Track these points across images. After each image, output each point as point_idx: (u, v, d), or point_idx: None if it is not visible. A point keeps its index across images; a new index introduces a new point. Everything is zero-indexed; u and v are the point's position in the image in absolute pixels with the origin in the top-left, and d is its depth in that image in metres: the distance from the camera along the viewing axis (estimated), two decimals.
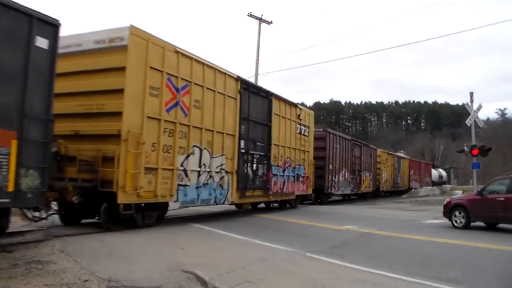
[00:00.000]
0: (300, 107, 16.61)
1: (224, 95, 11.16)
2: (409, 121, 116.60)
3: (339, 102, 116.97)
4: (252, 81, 21.54)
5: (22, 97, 5.76)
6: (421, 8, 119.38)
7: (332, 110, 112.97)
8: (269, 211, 15.16)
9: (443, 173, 51.59)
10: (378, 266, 6.41)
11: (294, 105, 15.98)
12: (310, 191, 17.78)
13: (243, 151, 12.14)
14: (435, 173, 48.00)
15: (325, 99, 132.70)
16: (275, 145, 14.08)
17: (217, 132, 10.86)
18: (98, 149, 8.16)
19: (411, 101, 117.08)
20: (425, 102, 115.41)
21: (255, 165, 12.86)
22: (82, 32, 8.94)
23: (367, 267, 6.28)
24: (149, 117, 8.61)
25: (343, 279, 5.61)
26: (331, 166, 20.63)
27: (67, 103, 8.45)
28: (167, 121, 9.09)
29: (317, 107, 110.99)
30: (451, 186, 41.40)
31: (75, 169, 8.17)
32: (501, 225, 11.66)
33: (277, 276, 5.65)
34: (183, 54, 9.67)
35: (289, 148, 15.29)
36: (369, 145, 29.33)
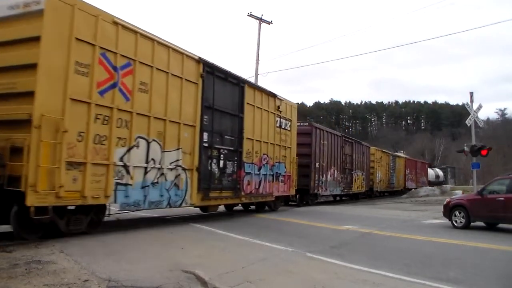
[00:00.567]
0: (280, 97, 14.77)
1: (181, 78, 9.51)
2: (409, 121, 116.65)
3: (339, 102, 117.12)
4: (252, 80, 21.12)
5: None
6: (421, 8, 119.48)
7: (332, 110, 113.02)
8: (269, 211, 15.15)
9: (440, 172, 50.69)
10: (378, 266, 6.40)
11: (272, 95, 14.22)
12: (292, 192, 16.07)
13: (206, 145, 10.49)
14: (431, 172, 47.13)
15: (325, 99, 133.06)
16: (248, 139, 12.41)
17: (171, 121, 9.20)
18: (7, 138, 6.68)
19: (411, 101, 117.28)
20: (425, 102, 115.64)
21: (222, 162, 11.17)
22: None
23: (367, 267, 6.28)
24: (74, 99, 6.98)
25: (343, 279, 5.60)
26: (317, 164, 18.85)
27: None
28: (100, 105, 7.41)
29: (317, 107, 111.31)
30: (451, 186, 41.32)
31: None
32: (501, 225, 11.66)
33: (277, 276, 5.65)
34: (124, 26, 8.01)
35: (266, 143, 13.63)
36: (362, 142, 27.36)
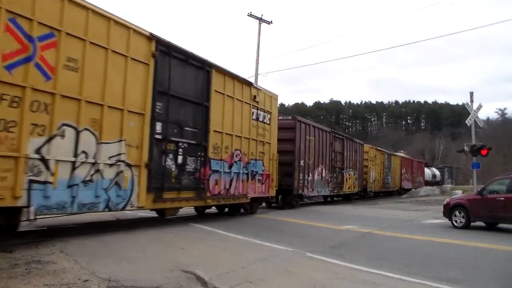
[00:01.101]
0: (257, 86, 13.50)
1: (125, 57, 7.97)
2: (409, 121, 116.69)
3: (339, 102, 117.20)
4: (252, 80, 20.55)
5: None
6: (421, 8, 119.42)
7: (332, 110, 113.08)
8: (268, 212, 15.15)
9: (437, 172, 49.50)
10: (378, 266, 6.41)
11: (247, 83, 12.60)
12: (272, 193, 14.39)
13: (159, 137, 8.94)
14: (428, 172, 45.97)
15: (325, 99, 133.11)
16: (216, 132, 10.87)
17: (111, 107, 7.59)
18: None
19: (411, 101, 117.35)
20: (425, 102, 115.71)
21: (181, 158, 9.60)
22: None
23: (367, 267, 6.28)
24: None
25: (343, 279, 5.61)
26: (302, 162, 17.00)
27: None
28: (5, 83, 5.98)
29: (317, 107, 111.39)
30: (451, 186, 41.25)
31: None
32: (501, 225, 11.67)
33: (277, 276, 5.65)
34: None
35: (239, 137, 11.99)
36: (354, 139, 25.61)
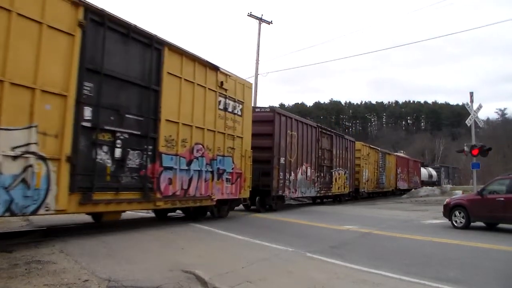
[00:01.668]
0: (225, 71, 11.36)
1: (40, 24, 6.49)
2: (409, 121, 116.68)
3: (339, 102, 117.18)
4: (252, 81, 20.35)
5: None
6: (421, 8, 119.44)
7: (332, 110, 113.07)
8: (269, 211, 15.15)
9: (433, 172, 48.01)
10: (378, 266, 6.41)
11: (212, 67, 10.79)
12: (245, 194, 12.67)
13: (88, 125, 7.32)
14: (424, 172, 44.51)
15: (325, 99, 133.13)
16: (169, 122, 9.22)
17: (14, 84, 6.10)
18: None
19: (411, 101, 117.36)
20: (425, 102, 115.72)
21: (120, 151, 7.89)
22: None
23: (367, 267, 6.29)
24: None
25: (343, 279, 5.61)
26: (282, 159, 15.25)
27: None
28: None
29: (317, 107, 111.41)
30: (451, 186, 41.20)
31: None
32: (501, 225, 11.67)
33: (277, 276, 5.65)
34: None
35: (201, 129, 10.32)
36: (345, 136, 23.56)
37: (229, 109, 11.65)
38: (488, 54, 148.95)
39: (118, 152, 7.93)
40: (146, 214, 11.59)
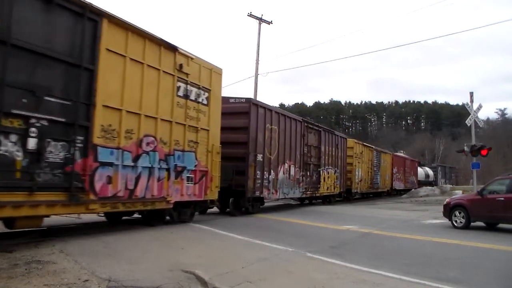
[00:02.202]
0: (185, 52, 9.73)
1: None
2: (409, 121, 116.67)
3: (339, 102, 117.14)
4: (252, 81, 20.26)
5: None
6: (421, 8, 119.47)
7: (332, 110, 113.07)
8: (268, 212, 15.15)
9: (430, 172, 46.50)
10: (378, 266, 6.41)
11: (168, 46, 9.16)
12: (212, 196, 10.93)
13: None
14: (421, 171, 43.15)
15: (325, 99, 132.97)
16: (109, 108, 7.61)
17: None
18: None
19: (411, 101, 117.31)
20: (425, 102, 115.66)
21: (35, 141, 6.42)
22: None
23: (367, 267, 6.29)
24: None
25: (343, 279, 5.61)
26: (260, 156, 13.56)
27: None
28: None
29: (317, 107, 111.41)
30: (451, 186, 41.13)
31: None
32: (501, 225, 11.66)
33: (277, 276, 5.65)
34: None
35: (154, 119, 8.75)
36: (335, 132, 21.87)
37: (192, 97, 9.98)
38: (488, 54, 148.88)
39: (32, 142, 6.36)
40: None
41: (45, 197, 6.54)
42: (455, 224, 11.78)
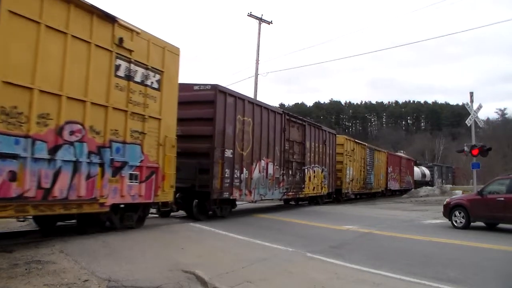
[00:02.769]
0: (128, 25, 8.10)
1: None
2: (409, 121, 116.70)
3: (339, 102, 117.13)
4: (252, 81, 20.01)
5: None
6: (421, 8, 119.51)
7: (332, 110, 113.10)
8: (268, 211, 15.15)
9: (427, 171, 44.80)
10: (378, 266, 6.41)
11: (104, 15, 7.54)
12: (165, 197, 9.16)
13: None
14: (417, 171, 41.46)
15: (325, 99, 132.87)
16: (11, 85, 6.02)
17: None
18: None
19: (411, 101, 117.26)
20: (425, 102, 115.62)
21: None
22: None
23: (367, 267, 6.29)
24: None
25: (343, 279, 5.61)
26: (229, 152, 11.75)
27: None
28: None
29: (317, 107, 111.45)
30: (451, 186, 41.08)
31: None
32: (501, 225, 11.66)
33: (277, 276, 5.65)
34: None
35: (82, 102, 7.09)
36: (322, 127, 19.81)
37: (137, 79, 8.30)
38: (488, 54, 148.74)
39: None
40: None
41: None
42: (455, 224, 11.78)
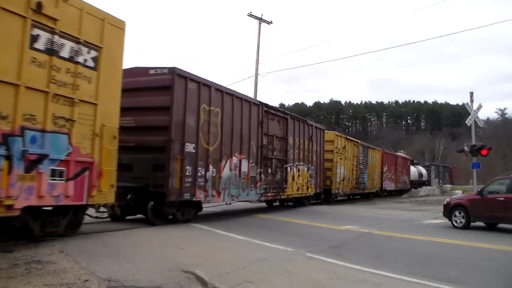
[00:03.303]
0: None
1: None
2: (409, 121, 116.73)
3: (339, 102, 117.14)
4: (252, 81, 19.82)
5: None
6: (421, 8, 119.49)
7: (332, 110, 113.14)
8: (267, 211, 15.15)
9: (423, 171, 43.29)
10: (378, 266, 6.41)
11: None
12: (103, 199, 7.52)
13: None
14: (414, 170, 39.92)
15: (325, 99, 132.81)
16: None
17: None
18: None
19: (411, 101, 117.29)
20: (425, 102, 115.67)
21: None
22: None
23: (367, 267, 6.29)
24: None
25: (343, 279, 5.61)
26: (191, 146, 10.15)
27: None
28: None
29: (317, 107, 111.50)
30: (451, 186, 41.03)
31: None
32: (501, 225, 11.66)
33: (277, 276, 5.65)
34: None
35: None
36: (308, 121, 18.13)
37: (63, 54, 6.77)
38: (488, 54, 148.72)
39: None
40: None
41: None
42: (455, 224, 11.78)
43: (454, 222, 11.86)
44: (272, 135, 14.39)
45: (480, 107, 19.88)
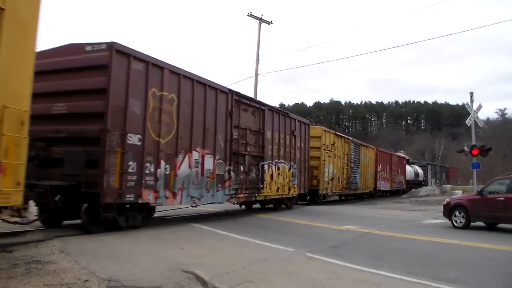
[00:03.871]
0: None
1: None
2: (409, 121, 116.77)
3: (339, 102, 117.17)
4: (252, 81, 19.81)
5: None
6: (421, 8, 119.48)
7: (332, 110, 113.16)
8: (268, 212, 15.14)
9: (420, 170, 41.86)
10: (378, 266, 6.41)
11: None
12: (6, 201, 5.39)
13: None
14: (410, 170, 38.59)
15: (325, 99, 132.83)
16: None
17: None
18: None
19: (411, 101, 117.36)
20: (425, 102, 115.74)
21: None
22: None
23: (367, 267, 6.29)
24: None
25: (343, 279, 5.61)
26: (134, 138, 8.45)
27: None
28: None
29: (317, 107, 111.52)
30: (451, 186, 41.00)
31: None
32: (501, 225, 11.66)
33: (277, 276, 5.65)
34: None
35: None
36: (290, 113, 16.28)
37: None
38: (488, 54, 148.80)
39: None
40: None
41: None
42: (455, 224, 11.78)
43: (454, 222, 11.86)
44: (245, 128, 12.66)
45: (480, 107, 19.89)
